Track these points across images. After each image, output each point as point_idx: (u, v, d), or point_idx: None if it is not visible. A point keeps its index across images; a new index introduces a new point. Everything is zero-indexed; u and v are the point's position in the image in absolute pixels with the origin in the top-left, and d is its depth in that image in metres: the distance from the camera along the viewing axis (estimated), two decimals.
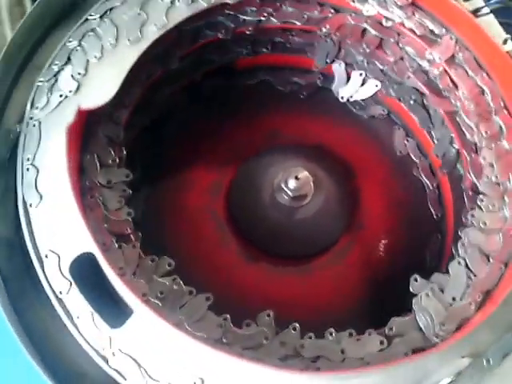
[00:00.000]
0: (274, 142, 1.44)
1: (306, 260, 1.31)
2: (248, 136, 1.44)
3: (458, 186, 1.25)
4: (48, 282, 0.98)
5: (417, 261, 1.30)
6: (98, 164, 1.09)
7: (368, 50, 1.30)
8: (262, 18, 1.28)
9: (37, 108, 1.07)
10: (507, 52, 1.22)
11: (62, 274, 0.97)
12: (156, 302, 0.97)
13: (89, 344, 0.96)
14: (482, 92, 1.16)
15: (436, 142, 1.33)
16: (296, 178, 1.24)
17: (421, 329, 0.97)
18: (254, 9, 1.27)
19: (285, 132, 1.46)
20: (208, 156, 1.40)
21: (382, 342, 0.95)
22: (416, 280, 1.03)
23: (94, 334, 0.96)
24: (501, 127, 1.13)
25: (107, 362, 0.96)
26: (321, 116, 1.48)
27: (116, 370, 0.95)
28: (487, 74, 1.17)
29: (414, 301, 0.99)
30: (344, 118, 1.47)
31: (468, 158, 1.20)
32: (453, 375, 0.92)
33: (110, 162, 1.12)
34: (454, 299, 0.99)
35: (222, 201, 1.35)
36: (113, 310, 0.96)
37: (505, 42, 1.26)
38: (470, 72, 1.18)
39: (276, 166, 1.32)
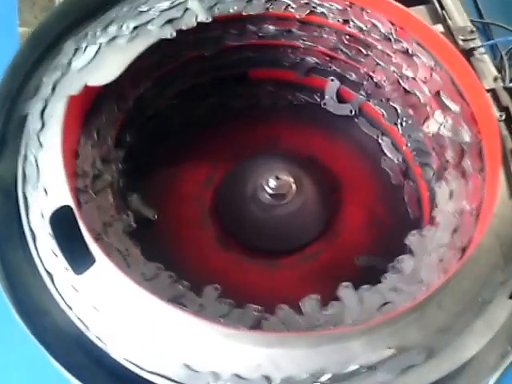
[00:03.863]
0: (270, 148, 1.55)
1: (277, 256, 1.39)
2: (248, 139, 1.54)
3: None
4: (30, 226, 1.09)
5: None
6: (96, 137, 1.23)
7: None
8: None
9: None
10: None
11: (43, 226, 1.08)
12: (120, 256, 1.07)
13: (56, 289, 1.05)
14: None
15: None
16: (277, 177, 1.35)
17: None
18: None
19: (282, 141, 1.56)
20: (207, 152, 1.52)
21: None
22: None
23: (61, 278, 1.06)
24: None
25: (71, 308, 1.04)
26: (318, 129, 1.58)
27: (78, 318, 1.03)
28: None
29: None
30: (341, 133, 1.57)
31: None
32: (375, 362, 0.97)
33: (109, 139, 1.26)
34: None
35: (211, 193, 1.46)
36: (80, 258, 1.06)
37: (495, 79, 1.34)
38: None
39: (265, 169, 1.42)
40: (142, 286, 0.95)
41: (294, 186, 1.38)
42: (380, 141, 1.53)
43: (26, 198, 1.11)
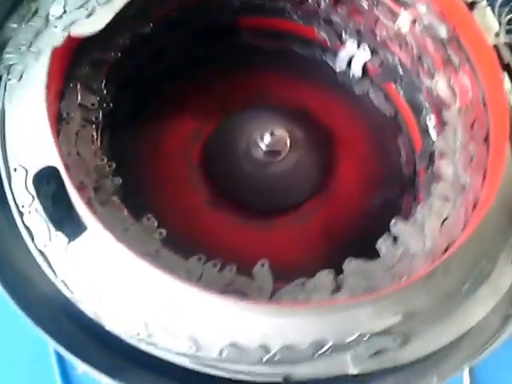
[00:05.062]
0: (261, 101, 1.46)
1: (268, 216, 1.33)
2: (237, 92, 1.46)
3: None
4: (12, 194, 1.01)
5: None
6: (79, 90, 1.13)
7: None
8: None
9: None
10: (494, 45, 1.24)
11: (27, 188, 1.01)
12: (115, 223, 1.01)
13: (42, 254, 0.99)
14: None
15: None
16: (272, 133, 1.28)
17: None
18: None
19: (273, 93, 1.48)
20: (194, 105, 1.42)
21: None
22: None
23: (48, 245, 0.99)
24: None
25: (55, 273, 0.99)
26: (312, 83, 1.49)
27: (63, 282, 0.98)
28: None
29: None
30: (336, 88, 1.49)
31: None
32: (382, 329, 0.94)
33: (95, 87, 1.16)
34: None
35: (199, 147, 1.38)
36: (69, 225, 1.00)
37: (497, 35, 1.27)
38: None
39: (257, 123, 1.34)
40: (137, 255, 0.89)
41: (288, 142, 1.31)
42: (371, 94, 1.47)
43: (6, 158, 1.02)
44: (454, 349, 1.03)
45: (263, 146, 1.28)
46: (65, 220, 1.00)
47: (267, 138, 1.27)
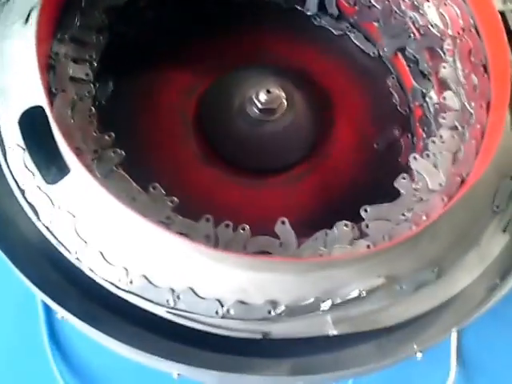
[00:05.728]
0: (258, 59, 1.43)
1: (262, 175, 1.31)
2: (235, 48, 1.43)
3: None
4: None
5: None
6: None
7: None
8: None
9: None
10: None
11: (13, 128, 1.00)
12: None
13: (24, 196, 0.99)
14: None
15: None
16: (268, 91, 1.25)
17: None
18: None
19: (272, 52, 1.45)
20: (190, 60, 1.40)
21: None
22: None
23: (31, 187, 0.99)
24: None
25: (38, 216, 0.98)
26: (312, 44, 1.47)
27: (47, 228, 0.97)
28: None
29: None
30: (335, 50, 1.47)
31: None
32: (364, 291, 0.93)
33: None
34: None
35: (194, 102, 1.35)
36: (53, 167, 0.99)
37: (504, 1, 1.23)
38: None
39: (253, 81, 1.31)
40: (121, 202, 0.88)
41: (284, 101, 1.28)
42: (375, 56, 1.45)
43: None
44: (436, 317, 1.02)
45: (258, 104, 1.26)
46: (49, 162, 0.98)
47: (263, 96, 1.25)
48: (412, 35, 1.32)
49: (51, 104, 0.99)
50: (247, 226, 0.99)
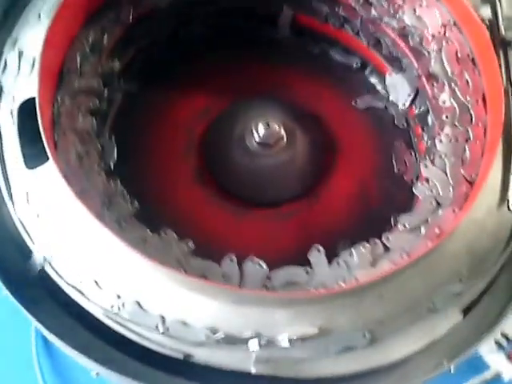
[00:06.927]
0: (276, 93, 1.45)
1: (251, 206, 1.32)
2: (251, 79, 1.46)
3: None
4: None
5: None
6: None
7: None
8: None
9: None
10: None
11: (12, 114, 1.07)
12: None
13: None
14: None
15: None
16: (267, 124, 1.27)
17: None
18: None
19: (288, 88, 1.46)
20: (209, 83, 1.44)
21: None
22: None
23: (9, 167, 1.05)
24: None
25: (13, 205, 1.03)
26: (328, 84, 1.48)
27: (19, 220, 1.02)
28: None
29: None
30: (351, 94, 1.47)
31: None
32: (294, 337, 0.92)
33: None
34: None
35: (204, 123, 1.40)
36: (36, 154, 1.04)
37: None
38: None
39: (260, 112, 1.34)
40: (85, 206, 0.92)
41: (285, 138, 1.29)
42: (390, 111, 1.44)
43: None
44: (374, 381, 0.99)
45: (256, 136, 1.28)
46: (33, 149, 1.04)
47: (262, 129, 1.27)
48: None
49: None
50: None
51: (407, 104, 1.38)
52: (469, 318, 1.03)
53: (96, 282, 0.96)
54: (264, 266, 0.99)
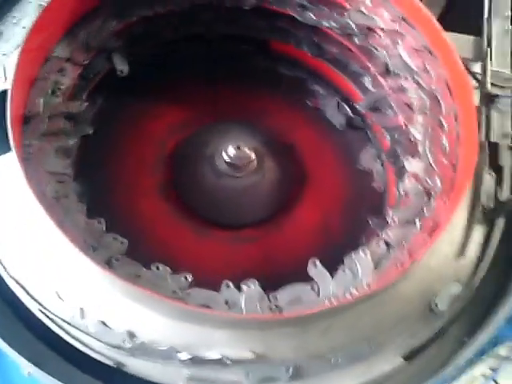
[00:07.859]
0: (252, 118, 1.46)
1: (210, 225, 1.31)
2: (229, 99, 1.47)
3: None
4: None
5: None
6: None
7: None
8: None
9: None
10: None
11: None
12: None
13: None
14: None
15: None
16: (238, 147, 1.27)
17: None
18: None
19: (267, 116, 1.48)
20: (187, 99, 1.45)
21: None
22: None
23: None
24: None
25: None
26: (306, 115, 1.49)
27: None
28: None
29: None
30: (329, 127, 1.48)
31: None
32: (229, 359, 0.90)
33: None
34: None
35: (178, 137, 1.40)
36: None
37: (504, 136, 1.21)
38: None
39: (233, 135, 1.35)
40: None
41: (254, 162, 1.29)
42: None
43: None
44: None
45: (225, 157, 1.28)
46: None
47: (231, 151, 1.27)
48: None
49: None
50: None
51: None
52: (413, 364, 1.01)
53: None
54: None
